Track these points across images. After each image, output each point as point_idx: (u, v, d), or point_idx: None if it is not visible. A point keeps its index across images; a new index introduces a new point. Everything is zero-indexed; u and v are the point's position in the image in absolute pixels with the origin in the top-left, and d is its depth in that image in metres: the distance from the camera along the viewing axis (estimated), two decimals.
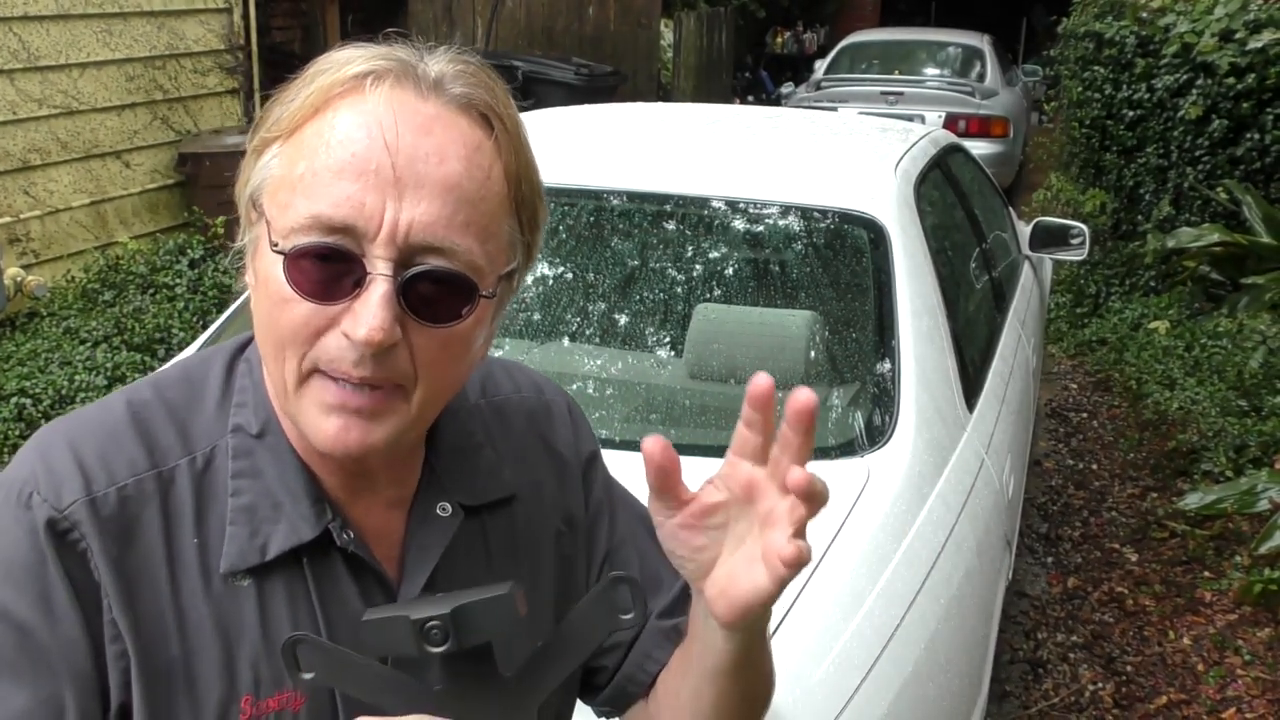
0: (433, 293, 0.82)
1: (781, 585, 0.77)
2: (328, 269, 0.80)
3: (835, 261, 2.57)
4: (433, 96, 0.83)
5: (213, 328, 2.78)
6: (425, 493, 0.94)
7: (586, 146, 3.05)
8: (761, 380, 0.78)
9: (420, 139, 0.81)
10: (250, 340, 0.93)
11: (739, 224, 2.61)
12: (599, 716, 1.14)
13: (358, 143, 0.80)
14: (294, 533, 0.87)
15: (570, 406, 1.11)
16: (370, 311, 0.79)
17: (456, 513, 0.94)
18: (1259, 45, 5.91)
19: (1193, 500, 3.87)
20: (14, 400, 4.08)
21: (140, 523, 0.84)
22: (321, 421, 0.83)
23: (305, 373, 0.83)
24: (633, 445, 2.43)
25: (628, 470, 2.05)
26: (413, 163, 0.80)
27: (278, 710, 0.85)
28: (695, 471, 0.89)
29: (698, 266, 2.58)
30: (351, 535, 0.89)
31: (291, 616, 0.87)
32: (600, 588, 0.76)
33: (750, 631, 0.87)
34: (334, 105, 0.82)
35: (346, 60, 0.84)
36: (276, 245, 0.82)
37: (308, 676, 0.72)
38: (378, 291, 0.80)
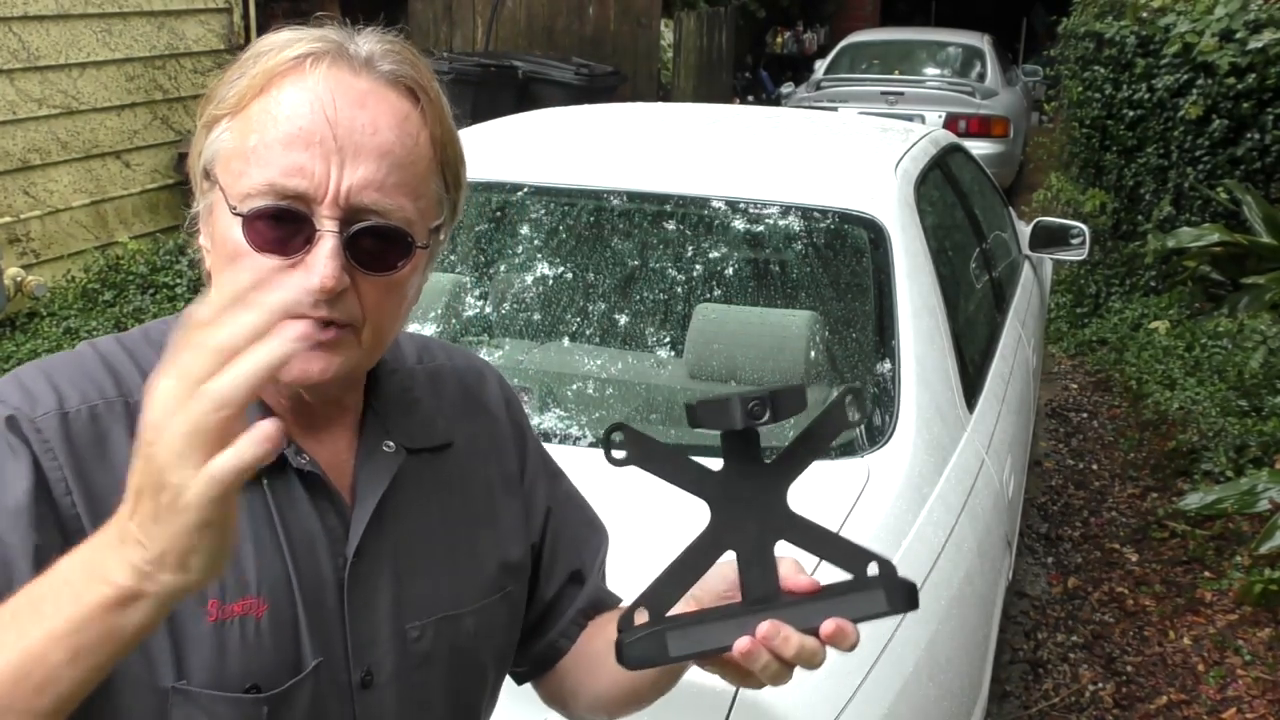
0: (374, 246, 0.93)
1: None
2: (281, 229, 0.91)
3: (835, 261, 2.57)
4: (365, 73, 0.94)
5: None
6: (370, 432, 1.05)
7: (586, 146, 3.05)
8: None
9: (357, 112, 0.92)
10: None
11: (739, 224, 2.61)
12: (517, 682, 1.24)
13: (303, 117, 0.91)
14: None
15: (500, 379, 1.22)
16: (321, 262, 0.90)
17: (399, 451, 1.05)
18: (1259, 45, 5.91)
19: (1193, 500, 3.87)
20: None
21: (110, 438, 0.93)
22: None
23: None
24: None
25: (624, 469, 2.05)
26: (351, 133, 0.91)
27: (241, 615, 0.94)
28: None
29: (697, 266, 2.58)
30: (307, 458, 0.99)
31: (253, 530, 0.95)
32: (836, 399, 0.91)
33: None
34: (278, 84, 0.93)
35: (286, 43, 0.95)
36: (234, 209, 0.92)
37: (619, 456, 0.88)
38: (326, 246, 0.91)
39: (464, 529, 1.09)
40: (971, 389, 2.53)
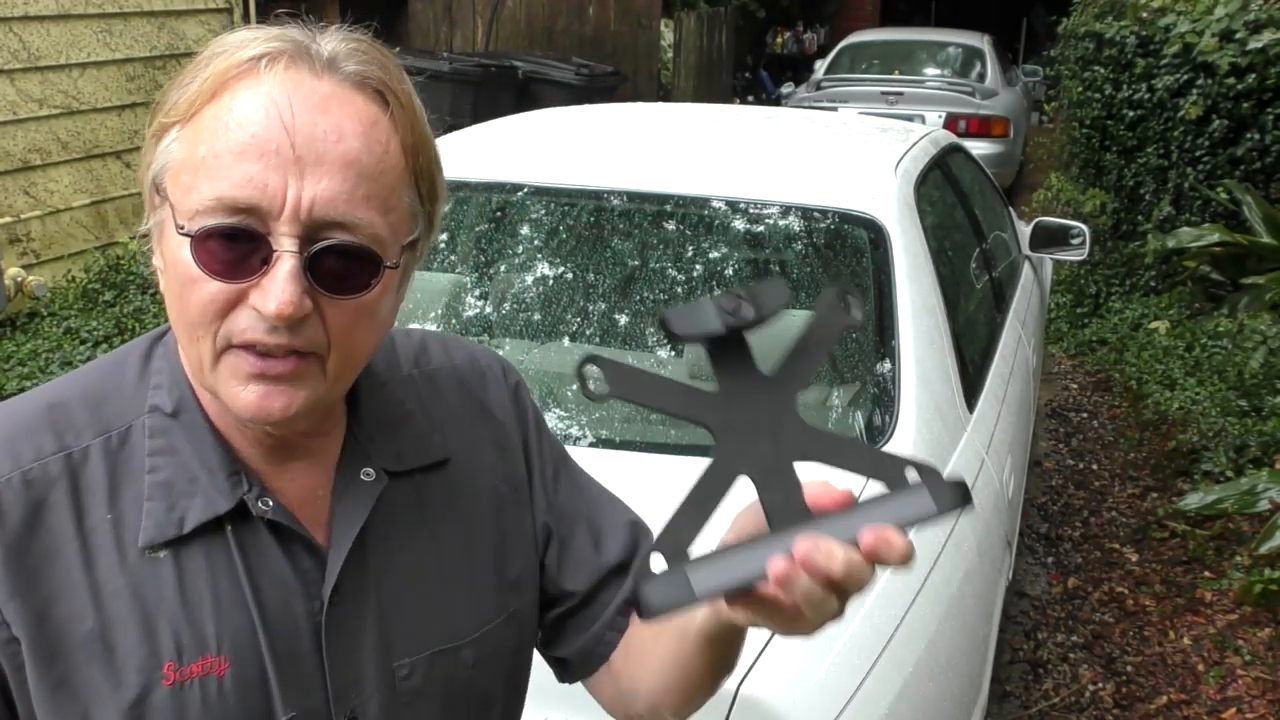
0: (339, 266, 0.84)
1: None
2: (235, 249, 0.83)
3: (835, 261, 2.57)
4: (327, 75, 0.86)
5: None
6: (348, 460, 0.97)
7: (586, 146, 3.05)
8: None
9: (318, 117, 0.83)
10: (170, 329, 0.96)
11: (739, 224, 2.61)
12: (562, 682, 1.15)
13: (256, 124, 0.82)
14: (210, 505, 0.90)
15: (505, 370, 1.13)
16: (279, 287, 0.82)
17: (380, 478, 0.97)
18: (1259, 45, 5.91)
19: (1193, 500, 3.87)
20: None
21: (47, 503, 0.88)
22: (242, 391, 0.85)
23: (220, 349, 0.85)
24: (633, 445, 2.43)
25: (625, 469, 2.06)
26: (312, 141, 0.83)
27: (201, 676, 0.88)
28: (695, 471, 0.87)
29: (698, 266, 2.58)
30: (270, 504, 0.92)
31: (211, 585, 0.89)
32: (823, 297, 0.81)
33: None
34: (231, 88, 0.84)
35: (240, 43, 0.87)
36: (183, 228, 0.83)
37: (598, 390, 0.76)
38: (285, 268, 0.82)
39: (461, 552, 1.02)
40: (971, 389, 2.53)
